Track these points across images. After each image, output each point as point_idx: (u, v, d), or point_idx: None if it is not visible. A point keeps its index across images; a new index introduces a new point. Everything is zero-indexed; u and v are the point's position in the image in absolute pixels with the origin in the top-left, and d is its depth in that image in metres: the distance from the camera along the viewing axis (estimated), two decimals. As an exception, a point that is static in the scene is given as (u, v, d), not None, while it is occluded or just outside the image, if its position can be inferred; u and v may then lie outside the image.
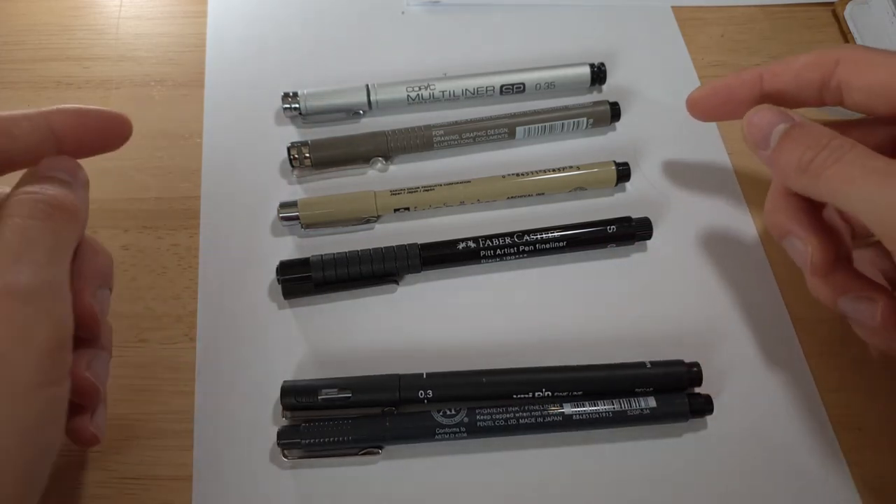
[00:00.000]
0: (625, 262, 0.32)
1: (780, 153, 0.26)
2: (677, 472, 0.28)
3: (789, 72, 0.28)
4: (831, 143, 0.24)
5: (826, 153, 0.24)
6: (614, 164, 0.33)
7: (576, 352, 0.29)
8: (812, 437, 0.29)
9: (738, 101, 0.29)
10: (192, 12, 0.38)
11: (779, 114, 0.26)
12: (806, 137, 0.25)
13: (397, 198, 0.32)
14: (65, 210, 0.22)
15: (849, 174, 0.23)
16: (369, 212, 0.31)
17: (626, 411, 0.27)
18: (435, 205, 0.32)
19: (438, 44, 0.38)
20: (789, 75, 0.28)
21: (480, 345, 0.30)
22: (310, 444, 0.26)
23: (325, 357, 0.30)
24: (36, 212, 0.21)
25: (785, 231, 0.27)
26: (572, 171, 0.32)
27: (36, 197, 0.22)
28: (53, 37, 0.37)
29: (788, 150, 0.25)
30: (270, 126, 0.35)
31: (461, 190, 0.32)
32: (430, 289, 0.31)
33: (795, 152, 0.25)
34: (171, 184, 0.33)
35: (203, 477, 0.27)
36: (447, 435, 0.27)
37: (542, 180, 0.32)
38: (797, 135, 0.25)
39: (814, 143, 0.24)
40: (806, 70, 0.27)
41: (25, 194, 0.22)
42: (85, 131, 0.25)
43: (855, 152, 0.23)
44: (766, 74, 0.28)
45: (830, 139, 0.24)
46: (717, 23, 0.40)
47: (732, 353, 0.30)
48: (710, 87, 0.30)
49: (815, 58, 0.27)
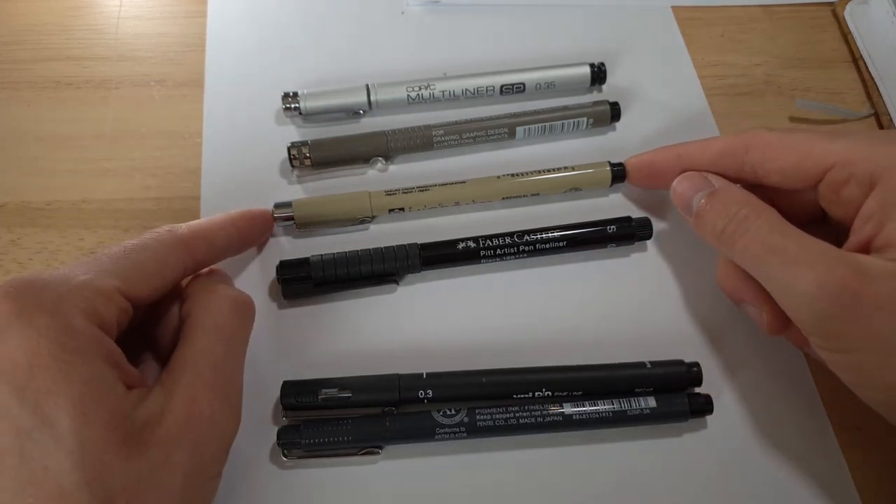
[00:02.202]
0: (625, 262, 0.32)
1: (699, 221, 0.27)
2: (677, 473, 0.28)
3: (705, 157, 0.29)
4: (739, 214, 0.25)
5: (734, 225, 0.25)
6: (609, 165, 0.33)
7: (576, 352, 0.29)
8: (812, 437, 0.29)
9: (662, 175, 0.30)
10: (191, 12, 0.38)
11: (699, 182, 0.28)
12: (718, 206, 0.26)
13: (392, 198, 0.31)
14: (252, 309, 0.27)
15: (753, 251, 0.24)
16: (364, 212, 0.31)
17: (626, 411, 0.27)
18: (430, 205, 0.32)
19: (438, 44, 0.38)
20: (706, 159, 0.29)
21: (480, 345, 0.30)
22: (310, 443, 0.26)
23: (325, 357, 0.30)
24: (236, 311, 0.25)
25: (738, 297, 0.28)
26: (567, 171, 0.32)
27: (236, 296, 0.26)
28: (53, 37, 0.37)
29: (705, 218, 0.27)
30: (270, 126, 0.35)
31: (456, 190, 0.32)
32: (430, 289, 0.31)
33: (709, 221, 0.26)
34: (171, 184, 0.33)
35: (203, 477, 0.27)
36: (447, 435, 0.27)
37: (537, 181, 0.32)
38: (711, 203, 0.27)
39: (724, 213, 0.26)
40: (721, 157, 0.28)
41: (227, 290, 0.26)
42: (253, 233, 0.30)
43: (758, 226, 0.24)
44: (683, 155, 0.29)
45: (739, 208, 0.25)
46: (717, 23, 0.40)
47: (732, 353, 0.30)
48: (638, 160, 0.32)
49: (727, 146, 0.28)
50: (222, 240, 0.27)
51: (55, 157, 0.33)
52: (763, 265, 0.24)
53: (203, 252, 0.26)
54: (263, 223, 0.30)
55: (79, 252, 0.31)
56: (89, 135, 0.34)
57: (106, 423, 0.20)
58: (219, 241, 0.27)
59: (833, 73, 0.39)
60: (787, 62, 0.39)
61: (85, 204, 0.32)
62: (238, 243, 0.29)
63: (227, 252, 0.28)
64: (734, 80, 0.38)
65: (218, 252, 0.27)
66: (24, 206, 0.32)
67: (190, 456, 0.21)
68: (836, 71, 0.39)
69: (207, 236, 0.26)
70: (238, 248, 0.29)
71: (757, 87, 0.38)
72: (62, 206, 0.32)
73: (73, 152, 0.34)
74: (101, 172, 0.33)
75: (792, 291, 0.23)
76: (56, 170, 0.33)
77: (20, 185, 0.33)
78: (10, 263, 0.31)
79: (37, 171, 0.33)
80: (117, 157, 0.34)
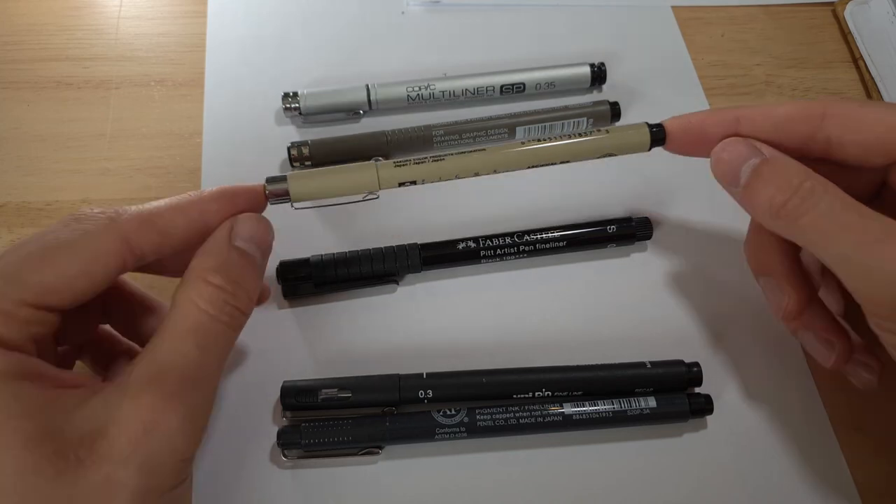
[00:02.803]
0: (625, 262, 0.32)
1: (750, 193, 0.24)
2: (677, 473, 0.28)
3: (768, 121, 0.25)
4: (803, 187, 0.23)
5: (798, 199, 0.23)
6: (647, 127, 0.27)
7: (576, 352, 0.29)
8: (812, 437, 0.29)
9: (711, 140, 0.26)
10: (191, 12, 0.38)
11: (749, 148, 0.25)
12: (776, 177, 0.23)
13: (402, 170, 0.27)
14: (245, 316, 0.23)
15: (823, 228, 0.22)
16: (370, 187, 0.27)
17: (626, 411, 0.27)
18: (446, 177, 0.27)
19: (438, 44, 0.38)
20: (768, 124, 0.25)
21: (480, 345, 0.30)
22: (310, 444, 0.26)
23: (325, 357, 0.30)
24: (222, 314, 0.22)
25: (765, 270, 0.27)
26: (600, 135, 0.27)
27: (225, 298, 0.22)
28: (53, 37, 0.37)
29: (759, 190, 0.24)
30: (270, 126, 0.35)
31: (476, 159, 0.27)
32: (430, 289, 0.31)
33: (766, 193, 0.23)
34: (171, 183, 0.33)
35: (203, 477, 0.27)
36: (447, 435, 0.27)
37: (568, 146, 0.27)
38: (767, 173, 0.24)
39: (784, 185, 0.23)
40: (789, 122, 0.25)
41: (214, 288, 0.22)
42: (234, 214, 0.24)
43: (828, 201, 0.22)
44: (742, 119, 0.26)
45: (802, 181, 0.23)
46: (718, 22, 0.40)
47: (733, 352, 0.30)
48: (683, 121, 0.27)
49: (798, 111, 0.25)
50: (181, 228, 0.22)
51: (55, 157, 0.33)
52: (835, 244, 0.22)
53: (150, 244, 0.22)
54: (250, 203, 0.24)
55: (79, 252, 0.31)
56: (89, 135, 0.34)
57: (26, 443, 0.18)
58: (176, 230, 0.22)
59: (833, 73, 0.39)
60: (787, 62, 0.39)
61: (85, 204, 0.32)
62: (207, 231, 0.23)
63: (190, 242, 0.23)
64: (734, 80, 0.38)
65: (175, 242, 0.23)
66: (24, 206, 0.32)
67: (138, 474, 0.19)
68: (835, 71, 0.39)
69: (159, 224, 0.22)
70: None
71: (757, 87, 0.38)
72: (62, 207, 0.32)
73: (74, 152, 0.34)
74: (101, 172, 0.33)
75: (872, 272, 0.21)
76: (56, 170, 0.33)
77: (20, 185, 0.33)
78: (10, 263, 0.31)
79: (37, 171, 0.33)
80: (117, 157, 0.34)
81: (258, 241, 0.24)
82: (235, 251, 0.23)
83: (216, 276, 0.22)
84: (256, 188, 0.25)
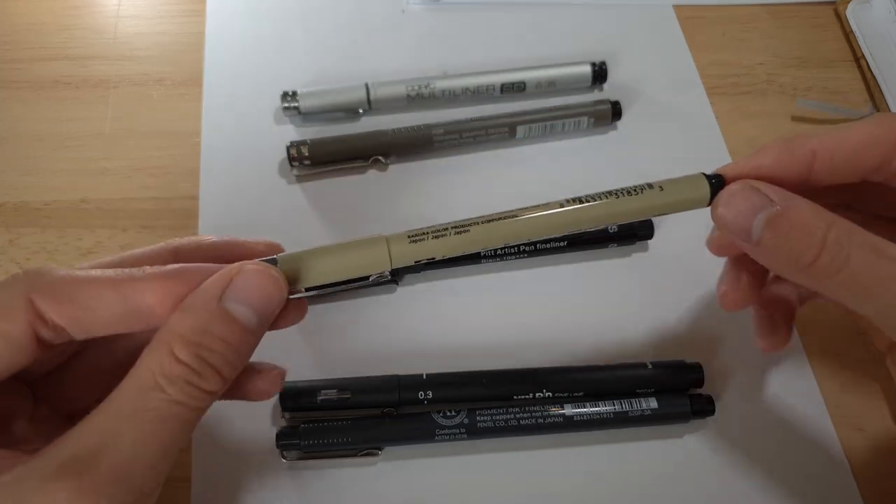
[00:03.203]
0: (626, 262, 0.32)
1: (767, 251, 0.21)
2: (679, 474, 0.28)
3: (843, 153, 0.21)
4: (829, 239, 0.20)
5: (828, 256, 0.20)
6: (706, 179, 0.22)
7: (576, 352, 0.29)
8: (814, 438, 0.29)
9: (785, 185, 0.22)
10: (190, 11, 0.38)
11: (756, 199, 0.21)
12: (796, 231, 0.20)
13: (418, 246, 0.22)
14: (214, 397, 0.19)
15: (864, 283, 0.20)
16: (380, 267, 0.22)
17: (628, 412, 0.27)
18: (471, 250, 0.22)
19: (438, 42, 0.38)
20: (842, 157, 0.21)
21: (480, 345, 0.30)
22: (309, 445, 0.26)
23: (324, 357, 0.29)
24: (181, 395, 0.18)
25: (740, 307, 0.25)
26: (653, 191, 0.22)
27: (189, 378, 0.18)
28: (52, 36, 0.37)
29: (778, 248, 0.21)
30: (269, 125, 0.35)
31: (507, 227, 0.22)
32: (430, 289, 0.31)
33: (788, 250, 0.20)
34: (170, 183, 0.33)
35: (202, 478, 0.27)
36: (447, 436, 0.27)
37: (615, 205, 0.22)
38: (786, 230, 0.20)
39: (808, 240, 0.20)
40: (864, 150, 0.21)
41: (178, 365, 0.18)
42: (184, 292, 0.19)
43: (861, 252, 0.20)
44: (819, 153, 0.21)
45: (825, 232, 0.20)
46: (719, 21, 0.40)
47: (734, 353, 0.30)
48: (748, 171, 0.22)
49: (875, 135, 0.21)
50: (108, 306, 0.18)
51: (54, 156, 0.33)
52: (880, 297, 0.19)
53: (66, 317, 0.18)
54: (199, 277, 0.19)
55: (77, 252, 0.31)
56: (88, 134, 0.34)
57: None
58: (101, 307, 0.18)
59: (835, 72, 0.39)
60: (789, 61, 0.39)
61: (84, 204, 0.32)
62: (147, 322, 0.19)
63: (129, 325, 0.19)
64: (736, 80, 0.38)
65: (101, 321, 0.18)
66: (22, 206, 0.32)
67: None
68: (837, 70, 0.39)
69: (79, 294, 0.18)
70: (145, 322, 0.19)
71: (758, 87, 0.38)
72: (61, 206, 0.32)
73: (72, 152, 0.34)
74: (99, 172, 0.33)
75: None
76: (55, 169, 0.33)
77: (19, 185, 0.33)
78: (7, 263, 0.31)
79: (35, 171, 0.33)
80: (116, 157, 0.34)
81: (258, 307, 0.19)
82: (222, 315, 0.18)
83: (184, 351, 0.18)
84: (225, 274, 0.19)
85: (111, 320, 0.18)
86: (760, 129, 0.36)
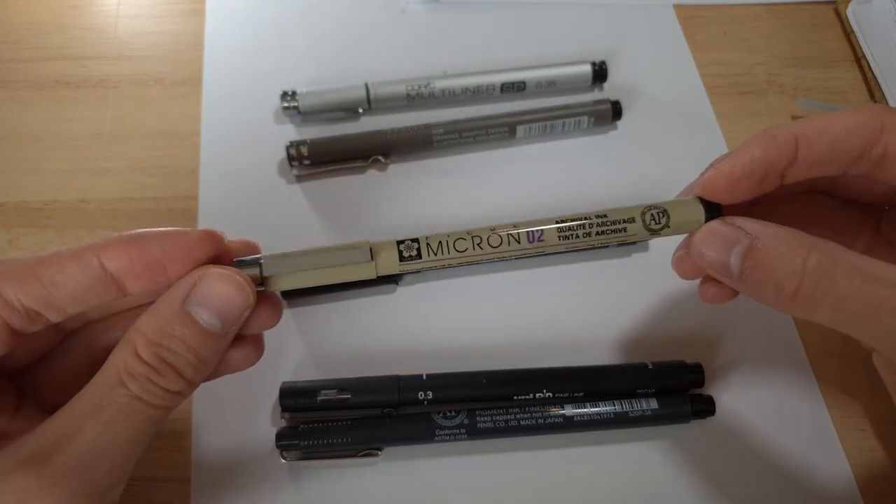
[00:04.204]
0: (626, 262, 0.32)
1: (748, 285, 0.21)
2: (679, 474, 0.28)
3: (826, 138, 0.21)
4: (808, 265, 0.19)
5: (810, 284, 0.19)
6: (701, 204, 0.22)
7: (576, 352, 0.29)
8: (815, 438, 0.28)
9: (776, 176, 0.22)
10: (190, 10, 0.38)
11: (730, 234, 0.21)
12: (775, 260, 0.20)
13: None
14: (179, 396, 0.19)
15: (851, 310, 0.19)
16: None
17: (628, 412, 0.27)
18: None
19: (438, 42, 0.38)
20: (826, 142, 0.21)
21: (480, 345, 0.30)
22: (308, 445, 0.26)
23: (324, 358, 0.29)
24: (144, 393, 0.18)
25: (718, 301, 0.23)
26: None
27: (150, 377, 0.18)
28: (52, 36, 0.37)
29: (759, 281, 0.20)
30: (269, 125, 0.35)
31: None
32: (430, 289, 0.31)
33: (769, 282, 0.20)
34: (170, 183, 0.33)
35: (201, 478, 0.27)
36: (447, 436, 0.27)
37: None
38: (762, 259, 0.20)
39: (788, 269, 0.19)
40: (848, 137, 0.21)
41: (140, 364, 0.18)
42: (145, 267, 0.19)
43: (843, 276, 0.19)
44: (801, 140, 0.21)
45: (804, 258, 0.19)
46: (719, 21, 0.40)
47: (735, 353, 0.30)
48: (729, 176, 0.22)
49: (858, 123, 0.21)
50: (74, 278, 0.18)
51: (53, 156, 0.33)
52: (871, 323, 0.19)
53: (33, 296, 0.18)
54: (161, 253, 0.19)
55: (77, 252, 0.31)
56: (88, 134, 0.34)
57: None
58: (66, 280, 0.18)
59: (835, 72, 0.38)
60: (789, 61, 0.39)
61: (83, 204, 0.32)
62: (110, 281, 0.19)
63: (91, 293, 0.19)
64: (736, 79, 0.38)
65: (69, 295, 0.18)
66: (22, 206, 0.32)
67: None
68: (838, 70, 0.39)
69: (42, 270, 0.18)
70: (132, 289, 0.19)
71: (759, 86, 0.38)
72: (60, 206, 0.32)
73: (72, 152, 0.33)
74: (99, 172, 0.33)
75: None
76: (54, 169, 0.33)
77: (18, 185, 0.33)
78: (7, 263, 0.31)
79: (35, 171, 0.33)
80: (116, 157, 0.34)
81: (220, 311, 0.19)
82: (184, 318, 0.18)
83: (146, 350, 0.18)
84: (191, 278, 0.19)
85: (79, 292, 0.18)
86: (760, 129, 0.36)
